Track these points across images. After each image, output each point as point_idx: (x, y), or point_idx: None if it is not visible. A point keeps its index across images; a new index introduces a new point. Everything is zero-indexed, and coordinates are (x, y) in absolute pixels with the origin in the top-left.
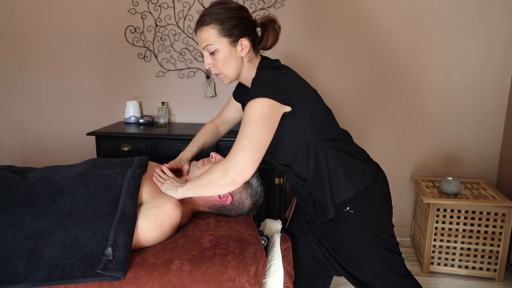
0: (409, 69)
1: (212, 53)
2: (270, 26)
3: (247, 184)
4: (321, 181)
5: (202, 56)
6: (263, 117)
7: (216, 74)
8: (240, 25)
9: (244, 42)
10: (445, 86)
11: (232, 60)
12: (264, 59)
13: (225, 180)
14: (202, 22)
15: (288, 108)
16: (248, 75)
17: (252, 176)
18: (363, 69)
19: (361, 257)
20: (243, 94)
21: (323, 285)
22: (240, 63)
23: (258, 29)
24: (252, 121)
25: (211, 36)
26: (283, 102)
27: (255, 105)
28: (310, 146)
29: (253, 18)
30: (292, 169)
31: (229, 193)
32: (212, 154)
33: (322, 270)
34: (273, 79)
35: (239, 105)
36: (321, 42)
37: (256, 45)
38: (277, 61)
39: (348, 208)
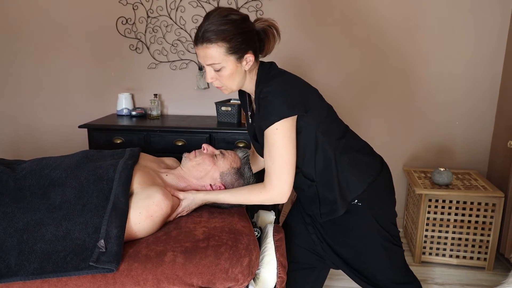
0: (400, 61)
1: (217, 70)
2: (270, 32)
3: (240, 175)
4: (330, 180)
5: (204, 68)
6: (286, 137)
7: (218, 87)
8: (246, 40)
9: (250, 57)
10: (437, 78)
11: (237, 75)
12: (262, 66)
13: (270, 201)
14: (207, 39)
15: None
16: (249, 84)
17: (244, 167)
18: (355, 61)
19: (365, 250)
20: (243, 99)
21: (318, 276)
22: (244, 76)
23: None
24: (276, 144)
25: (218, 55)
26: (296, 113)
27: (275, 130)
28: (318, 146)
29: (255, 27)
30: (300, 171)
31: (221, 183)
32: (204, 145)
33: (318, 262)
34: (281, 94)
35: None
36: (314, 34)
37: (257, 54)
38: (274, 66)
39: (356, 201)
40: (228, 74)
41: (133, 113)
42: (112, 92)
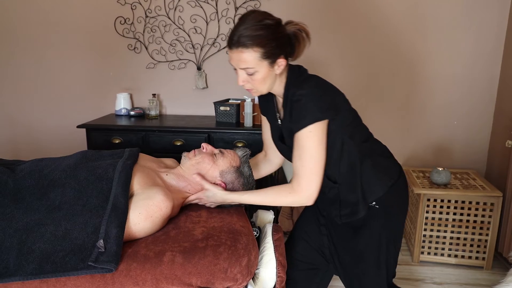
0: (398, 61)
1: (250, 74)
2: (301, 36)
3: (239, 173)
4: (353, 182)
5: (236, 72)
6: (318, 140)
7: (248, 89)
8: (280, 45)
9: (282, 61)
10: (435, 78)
11: (268, 79)
12: (291, 69)
13: (297, 204)
14: (242, 44)
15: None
16: (278, 87)
17: (244, 166)
18: (355, 62)
19: (371, 256)
20: (265, 102)
21: (323, 278)
22: (274, 79)
23: None
24: (308, 147)
25: (253, 60)
26: (328, 116)
27: (308, 133)
28: (344, 149)
29: (287, 31)
30: (323, 173)
31: (221, 181)
32: (203, 145)
33: (323, 264)
34: (314, 97)
35: None
36: (312, 35)
37: (287, 58)
38: (303, 69)
39: (374, 203)
40: (261, 78)
41: (132, 113)
42: (111, 92)
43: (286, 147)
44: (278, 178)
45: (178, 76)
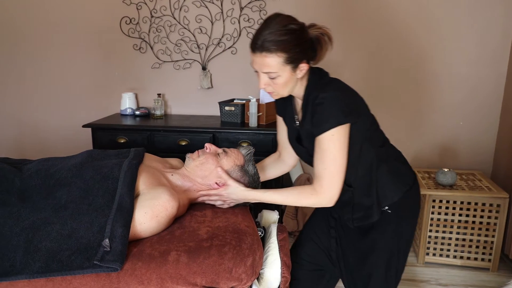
0: (404, 62)
1: (272, 78)
2: (323, 40)
3: (244, 172)
4: (369, 186)
5: (258, 76)
6: (340, 144)
7: (269, 92)
8: (303, 50)
9: (304, 66)
10: (441, 78)
11: (290, 83)
12: (313, 72)
13: (318, 205)
14: (266, 49)
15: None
16: (298, 90)
17: (248, 164)
18: (358, 62)
19: (376, 263)
20: (283, 103)
21: (329, 281)
22: (296, 83)
23: None
24: (330, 150)
25: (276, 64)
26: (351, 120)
27: (331, 136)
28: (362, 153)
29: (310, 35)
30: None
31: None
32: (207, 145)
33: (329, 267)
34: (337, 100)
35: None
36: None
37: (310, 62)
38: (324, 72)
39: (386, 208)
40: (283, 82)
41: (137, 112)
42: (116, 91)
43: (303, 149)
44: (282, 179)
45: (183, 76)
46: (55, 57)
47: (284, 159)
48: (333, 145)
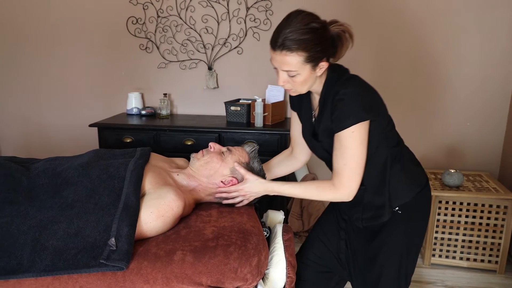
0: (411, 61)
1: (291, 76)
2: (344, 38)
3: (250, 169)
4: (382, 185)
5: (277, 73)
6: (359, 140)
7: (288, 89)
8: (324, 49)
9: (324, 64)
10: (448, 78)
11: (310, 81)
12: (332, 69)
13: (337, 199)
14: (287, 47)
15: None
16: (317, 86)
17: (253, 161)
18: (365, 61)
19: (386, 264)
20: (299, 98)
21: (337, 284)
22: (315, 80)
23: None
24: (351, 146)
25: (296, 63)
26: (371, 117)
27: (351, 133)
28: (378, 151)
29: (331, 33)
30: None
31: (232, 176)
32: (211, 144)
33: (337, 269)
34: (359, 96)
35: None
36: None
37: (330, 59)
38: (344, 68)
39: (397, 208)
40: (302, 80)
41: (143, 112)
42: (122, 91)
43: (318, 144)
44: (288, 179)
45: (189, 76)
46: (62, 56)
47: (297, 155)
48: (353, 142)
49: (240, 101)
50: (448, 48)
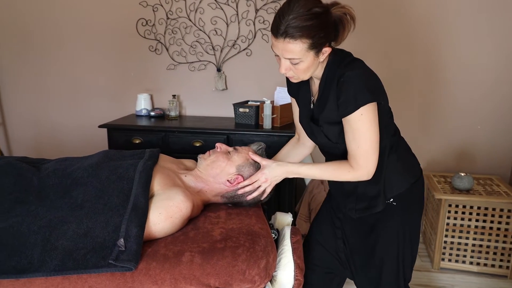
0: (423, 64)
1: (294, 63)
2: (346, 20)
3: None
4: (378, 174)
5: (278, 60)
6: (369, 122)
7: (290, 77)
8: (327, 34)
9: (327, 50)
10: (459, 81)
11: (312, 67)
12: (334, 53)
13: (357, 179)
14: (290, 35)
15: None
16: (317, 72)
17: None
18: (375, 62)
19: (386, 257)
20: (296, 83)
21: (339, 284)
22: (317, 66)
23: None
24: (362, 129)
25: (300, 50)
26: (379, 99)
27: (360, 116)
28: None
29: (333, 16)
30: None
31: (239, 174)
32: (217, 144)
33: (339, 269)
34: (365, 78)
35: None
36: None
37: (331, 44)
38: (348, 53)
39: (391, 200)
40: (305, 67)
41: (152, 113)
42: (131, 92)
43: (318, 128)
44: (296, 181)
45: (198, 77)
46: (72, 58)
47: (304, 142)
48: (363, 124)
49: (249, 102)
50: (459, 50)
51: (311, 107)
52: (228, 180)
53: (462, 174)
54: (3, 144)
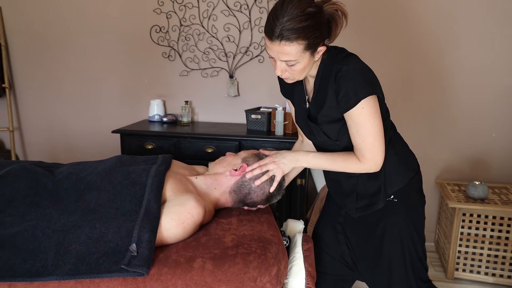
0: (437, 69)
1: (290, 65)
2: (338, 17)
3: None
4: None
5: (273, 62)
6: (371, 115)
7: (285, 78)
8: (321, 33)
9: (322, 49)
10: (474, 88)
11: (308, 67)
12: (329, 51)
13: (366, 171)
14: (286, 37)
15: None
16: (312, 70)
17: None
18: (391, 67)
19: (396, 253)
20: (291, 84)
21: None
22: (312, 66)
23: None
24: (364, 123)
25: (296, 52)
26: (376, 92)
27: (360, 109)
28: None
29: (326, 14)
30: None
31: (244, 163)
32: (228, 154)
33: (348, 274)
34: (361, 72)
35: None
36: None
37: (325, 41)
38: (342, 48)
39: (392, 197)
40: (302, 68)
41: (164, 119)
42: (145, 98)
43: (317, 127)
44: (307, 187)
45: (211, 83)
46: (87, 64)
47: (308, 142)
48: (365, 118)
49: (261, 109)
50: (474, 56)
51: (307, 106)
52: (234, 169)
53: (477, 183)
54: (19, 148)
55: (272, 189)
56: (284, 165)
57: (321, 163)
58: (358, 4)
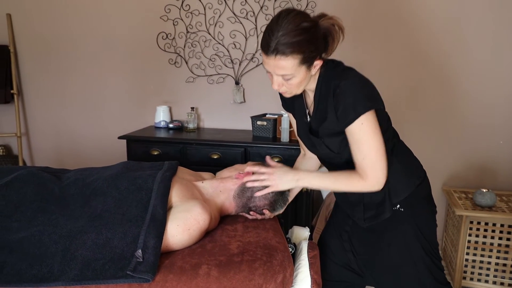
0: (444, 77)
1: (287, 79)
2: (334, 31)
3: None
4: None
5: (270, 77)
6: (371, 130)
7: (283, 92)
8: (317, 47)
9: (318, 63)
10: (482, 95)
11: (305, 81)
12: (326, 65)
13: (368, 190)
14: (281, 52)
15: None
16: (310, 84)
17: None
18: (394, 75)
19: (405, 262)
20: (290, 98)
21: None
22: (309, 80)
23: None
24: (364, 139)
25: (291, 66)
26: (376, 106)
27: (360, 125)
28: None
29: (322, 29)
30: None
31: (248, 171)
32: (236, 165)
33: (356, 279)
34: (359, 86)
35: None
36: (350, 46)
37: (322, 55)
38: (339, 62)
39: (398, 206)
40: (298, 82)
41: (170, 125)
42: (151, 104)
43: (319, 140)
44: (313, 194)
45: (217, 90)
46: (94, 71)
47: (311, 155)
48: (365, 134)
49: (267, 115)
50: (481, 63)
51: (308, 119)
52: (239, 173)
53: (484, 190)
54: (26, 154)
55: (259, 194)
56: (281, 184)
57: (323, 183)
58: (363, 13)
